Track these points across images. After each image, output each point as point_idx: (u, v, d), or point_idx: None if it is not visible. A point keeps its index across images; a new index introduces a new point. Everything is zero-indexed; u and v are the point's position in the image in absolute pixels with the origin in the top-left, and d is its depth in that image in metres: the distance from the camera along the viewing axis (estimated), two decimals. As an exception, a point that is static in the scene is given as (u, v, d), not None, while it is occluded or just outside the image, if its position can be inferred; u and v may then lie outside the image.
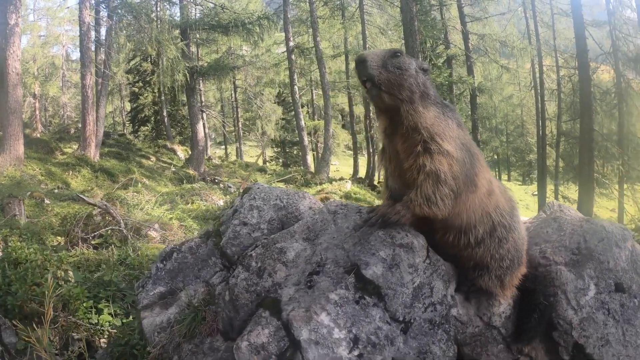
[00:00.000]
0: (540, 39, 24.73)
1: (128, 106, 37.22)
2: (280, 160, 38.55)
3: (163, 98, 29.99)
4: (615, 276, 2.68)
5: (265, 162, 37.29)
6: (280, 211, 3.07)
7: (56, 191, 12.14)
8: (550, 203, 3.37)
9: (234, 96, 37.78)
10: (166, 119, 30.41)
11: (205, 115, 26.98)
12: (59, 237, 6.89)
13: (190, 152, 24.58)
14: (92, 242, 6.68)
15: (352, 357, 2.12)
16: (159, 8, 22.10)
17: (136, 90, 31.16)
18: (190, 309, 2.73)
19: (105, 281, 4.52)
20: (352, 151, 32.04)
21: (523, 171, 44.16)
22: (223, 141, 42.71)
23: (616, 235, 2.81)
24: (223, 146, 42.45)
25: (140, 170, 18.64)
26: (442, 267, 2.48)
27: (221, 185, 17.82)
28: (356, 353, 2.13)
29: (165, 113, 30.41)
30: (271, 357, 2.17)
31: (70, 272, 4.62)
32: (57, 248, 6.13)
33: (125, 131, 34.50)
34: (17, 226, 6.55)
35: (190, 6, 22.96)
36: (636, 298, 2.68)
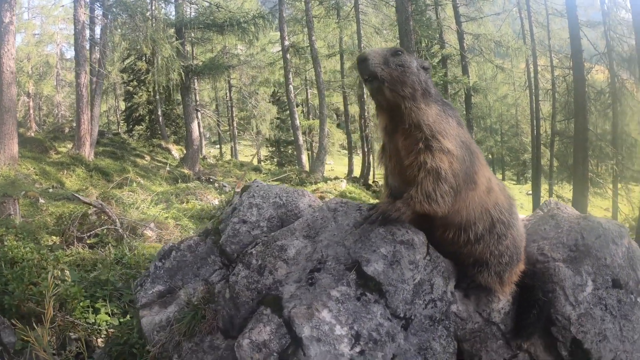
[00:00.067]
0: (534, 39, 24.81)
1: (122, 105, 37.12)
2: (275, 159, 38.55)
3: (158, 97, 29.89)
4: (612, 272, 2.70)
5: (260, 162, 37.20)
6: (279, 209, 3.06)
7: (51, 190, 12.09)
8: (547, 201, 3.39)
9: (229, 95, 37.67)
10: (161, 118, 30.32)
11: (200, 114, 26.91)
12: (54, 237, 6.83)
13: (185, 152, 24.51)
14: (88, 242, 6.63)
15: (354, 354, 2.12)
16: (154, 7, 21.94)
17: (131, 89, 31.06)
18: (189, 308, 2.71)
19: (101, 280, 4.50)
20: (347, 150, 32.06)
21: (517, 170, 44.31)
22: (218, 140, 42.61)
23: (613, 232, 2.83)
24: (218, 145, 42.34)
25: (135, 169, 18.57)
26: (442, 264, 2.49)
27: (216, 184, 17.81)
28: (358, 349, 2.14)
29: (159, 112, 30.31)
30: (273, 355, 2.17)
31: (67, 272, 4.59)
32: (53, 247, 6.08)
33: (119, 130, 34.37)
34: (13, 225, 6.50)
35: (185, 5, 22.89)
36: (633, 294, 2.70)
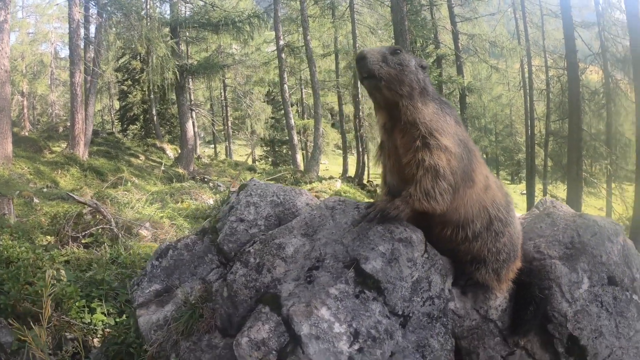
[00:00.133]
0: (529, 40, 24.89)
1: (117, 104, 36.97)
2: (269, 159, 38.53)
3: (152, 96, 29.82)
4: (607, 269, 2.73)
5: (254, 161, 37.16)
6: (277, 207, 3.05)
7: (45, 190, 12.02)
8: (543, 199, 3.41)
9: (224, 95, 37.62)
10: (155, 118, 30.22)
11: (194, 113, 26.82)
12: (49, 237, 6.79)
13: (179, 151, 24.45)
14: (83, 241, 6.59)
15: (353, 352, 2.13)
16: (149, 6, 21.92)
17: (125, 88, 30.92)
18: (187, 306, 2.70)
19: (97, 280, 4.48)
20: (342, 150, 32.09)
21: (512, 170, 44.48)
22: (212, 140, 42.51)
23: (608, 229, 2.86)
24: (212, 145, 42.24)
25: (129, 169, 18.49)
26: (440, 262, 2.50)
27: (211, 184, 17.74)
28: (356, 347, 2.14)
29: (154, 111, 30.23)
30: (271, 353, 2.17)
31: (62, 271, 4.57)
32: (48, 247, 6.04)
33: (114, 130, 34.20)
34: (8, 225, 6.46)
35: (180, 4, 22.79)
36: (628, 291, 2.73)
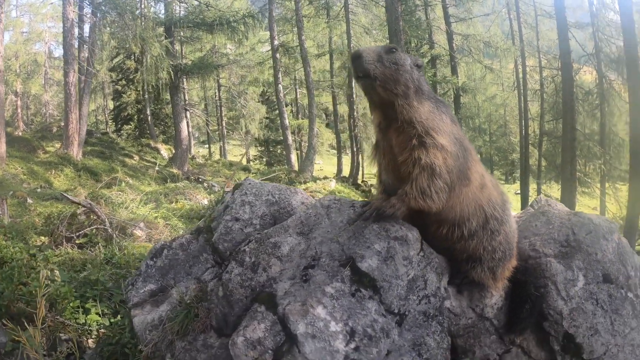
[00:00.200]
0: (523, 40, 24.99)
1: (111, 104, 36.76)
2: (264, 159, 38.45)
3: (146, 96, 29.71)
4: (602, 267, 2.74)
5: (249, 161, 37.11)
6: (272, 206, 3.04)
7: (39, 190, 11.95)
8: (538, 198, 3.42)
9: (218, 95, 37.54)
10: (149, 118, 30.11)
11: (189, 113, 26.72)
12: (43, 237, 6.74)
13: (173, 151, 24.36)
14: (77, 242, 6.55)
15: (349, 350, 2.12)
16: (144, 5, 21.80)
17: (119, 88, 30.81)
18: (182, 306, 2.69)
19: (91, 280, 4.45)
20: (336, 150, 32.09)
21: (506, 170, 44.66)
22: (207, 140, 42.44)
23: (603, 228, 2.87)
24: (207, 145, 42.16)
25: (123, 169, 18.42)
26: (436, 260, 2.50)
27: (205, 184, 17.67)
28: (352, 346, 2.14)
29: (148, 111, 30.11)
30: (267, 352, 2.17)
31: (56, 272, 4.53)
32: (42, 247, 6.00)
33: (108, 130, 34.03)
34: (2, 225, 6.41)
35: (174, 3, 22.72)
36: (623, 289, 2.74)
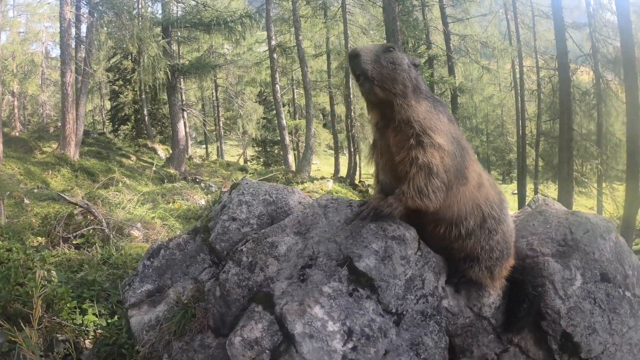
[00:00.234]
0: (520, 40, 25.01)
1: (108, 104, 36.73)
2: (261, 159, 38.46)
3: (144, 96, 29.67)
4: (600, 266, 2.74)
5: (246, 162, 37.04)
6: (269, 206, 3.04)
7: (36, 191, 11.91)
8: (535, 197, 3.43)
9: (215, 95, 37.47)
10: (147, 118, 30.07)
11: (186, 114, 26.70)
12: (40, 237, 6.72)
13: (171, 151, 24.32)
14: (74, 242, 6.53)
15: (347, 350, 2.12)
16: (141, 5, 21.77)
17: (116, 88, 30.76)
18: (179, 306, 2.68)
19: (88, 281, 4.43)
20: (334, 150, 32.08)
21: (503, 170, 44.73)
22: (204, 140, 42.31)
23: (600, 227, 2.87)
24: (204, 145, 42.06)
25: (120, 169, 18.36)
26: (433, 259, 2.50)
27: (202, 184, 17.65)
28: (350, 346, 2.13)
29: (145, 112, 30.07)
30: (265, 352, 2.16)
31: (53, 272, 4.52)
32: (39, 248, 5.98)
33: (105, 130, 33.97)
34: (-1, 225, 6.39)
35: (172, 4, 22.68)
36: (621, 288, 2.74)
